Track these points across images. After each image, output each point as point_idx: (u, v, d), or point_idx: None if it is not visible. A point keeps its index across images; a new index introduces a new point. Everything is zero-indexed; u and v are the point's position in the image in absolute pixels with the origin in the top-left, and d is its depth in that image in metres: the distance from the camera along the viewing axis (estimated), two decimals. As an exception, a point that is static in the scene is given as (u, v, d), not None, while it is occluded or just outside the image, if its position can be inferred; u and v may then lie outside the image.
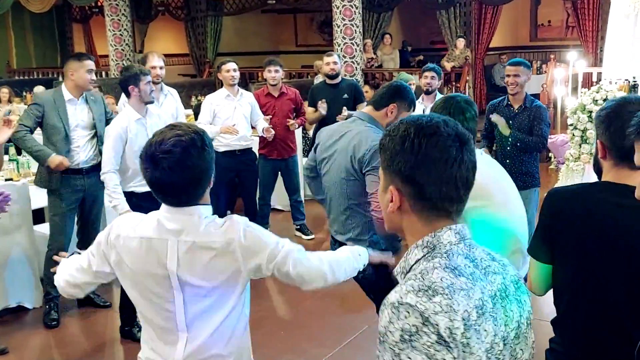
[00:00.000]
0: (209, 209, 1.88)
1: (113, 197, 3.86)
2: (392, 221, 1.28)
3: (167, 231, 1.84)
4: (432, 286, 1.13)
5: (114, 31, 12.10)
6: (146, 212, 1.96)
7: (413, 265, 1.23)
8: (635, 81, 6.10)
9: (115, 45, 12.14)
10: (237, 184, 5.72)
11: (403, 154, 1.20)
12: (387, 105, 2.89)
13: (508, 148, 4.38)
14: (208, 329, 1.88)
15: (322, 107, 5.78)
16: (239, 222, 1.86)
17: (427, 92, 5.52)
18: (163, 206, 1.87)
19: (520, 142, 4.32)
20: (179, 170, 1.75)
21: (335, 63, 5.85)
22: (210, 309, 1.87)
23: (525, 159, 4.37)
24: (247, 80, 10.88)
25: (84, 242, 4.28)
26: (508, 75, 4.42)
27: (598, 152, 1.89)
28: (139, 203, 3.81)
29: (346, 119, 3.95)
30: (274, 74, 5.73)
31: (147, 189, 3.55)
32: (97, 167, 4.16)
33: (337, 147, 2.94)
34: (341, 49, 9.78)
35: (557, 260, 1.89)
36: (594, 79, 7.81)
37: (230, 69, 5.39)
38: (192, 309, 1.86)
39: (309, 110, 6.01)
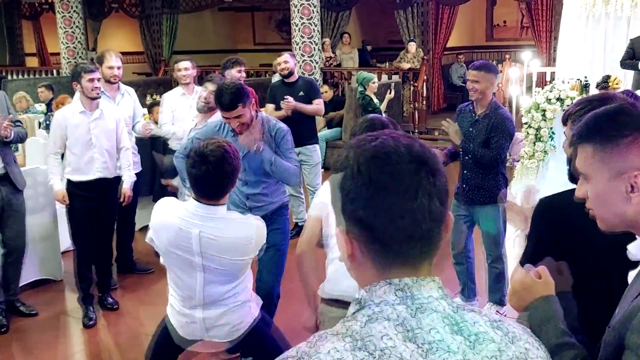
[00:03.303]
0: (223, 208, 2.49)
1: (49, 177, 4.22)
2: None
3: (192, 224, 2.42)
4: (313, 356, 0.91)
5: (65, 28, 11.76)
6: (79, 201, 2.79)
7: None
8: (587, 80, 6.22)
9: (67, 43, 11.81)
10: None
11: (355, 189, 0.97)
12: None
13: (466, 157, 3.94)
14: (221, 305, 2.50)
15: (284, 105, 5.73)
16: (251, 223, 2.53)
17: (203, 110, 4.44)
18: (193, 202, 2.45)
19: (472, 155, 3.87)
20: (220, 167, 2.37)
21: (286, 62, 5.76)
22: (221, 285, 2.47)
23: (482, 172, 3.89)
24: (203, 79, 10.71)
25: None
26: (469, 80, 3.96)
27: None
28: (72, 190, 4.14)
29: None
30: (243, 74, 5.64)
31: (80, 178, 4.30)
32: (7, 176, 3.98)
33: None
34: (299, 47, 9.72)
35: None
36: (548, 78, 7.98)
37: (182, 68, 5.25)
38: (209, 289, 2.47)
39: (269, 107, 5.95)
